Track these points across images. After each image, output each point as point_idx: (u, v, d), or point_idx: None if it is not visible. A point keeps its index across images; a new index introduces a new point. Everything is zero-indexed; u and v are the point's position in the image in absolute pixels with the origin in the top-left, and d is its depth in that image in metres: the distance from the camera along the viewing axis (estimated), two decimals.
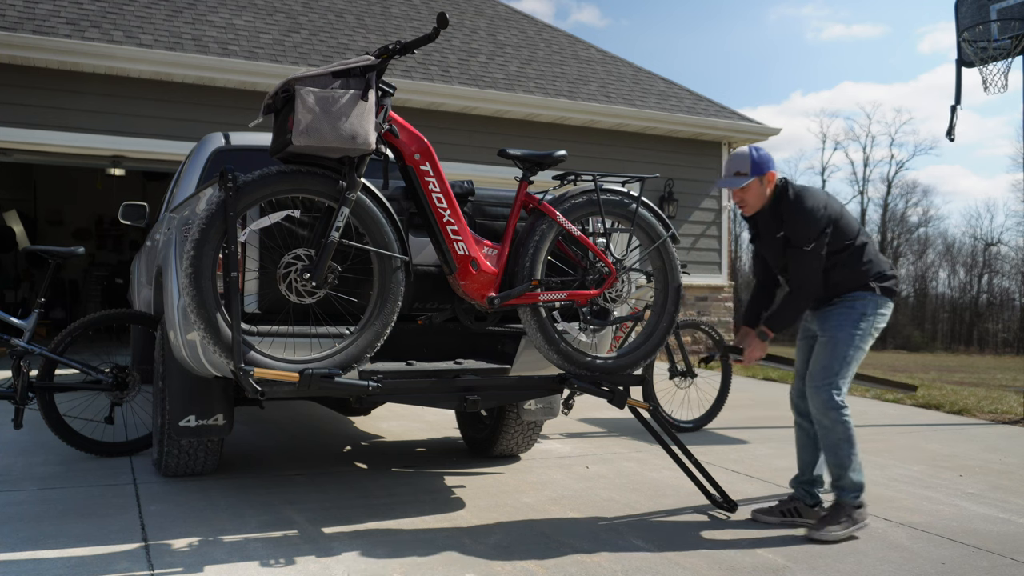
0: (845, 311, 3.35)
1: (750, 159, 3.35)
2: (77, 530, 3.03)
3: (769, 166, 3.35)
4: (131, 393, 4.23)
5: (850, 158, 53.26)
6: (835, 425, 3.32)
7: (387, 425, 5.44)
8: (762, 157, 3.36)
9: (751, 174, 3.33)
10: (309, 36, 9.89)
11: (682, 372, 5.52)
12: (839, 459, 3.30)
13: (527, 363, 3.54)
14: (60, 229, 13.90)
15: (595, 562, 2.86)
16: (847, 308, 3.35)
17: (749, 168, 3.34)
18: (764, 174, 3.34)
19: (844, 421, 3.33)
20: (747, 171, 3.34)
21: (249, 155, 4.53)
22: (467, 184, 3.43)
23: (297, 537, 3.03)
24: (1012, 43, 6.16)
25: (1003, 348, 33.51)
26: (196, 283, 2.75)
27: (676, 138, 11.10)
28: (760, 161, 3.34)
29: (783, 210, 3.33)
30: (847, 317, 3.33)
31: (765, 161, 3.35)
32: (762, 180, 3.36)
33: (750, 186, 3.36)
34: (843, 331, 3.32)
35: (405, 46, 2.88)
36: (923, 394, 7.42)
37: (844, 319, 3.34)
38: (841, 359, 3.32)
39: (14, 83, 7.99)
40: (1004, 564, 2.97)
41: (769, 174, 3.36)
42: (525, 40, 12.12)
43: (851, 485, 3.28)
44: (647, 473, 4.25)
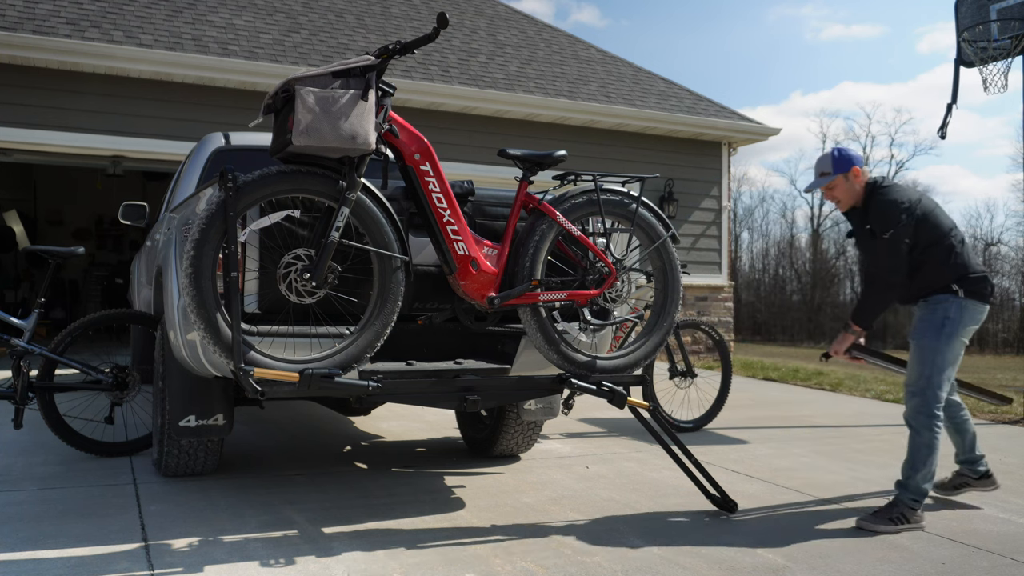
0: (929, 316, 3.46)
1: (831, 158, 3.53)
2: (77, 530, 3.03)
3: (852, 163, 3.51)
4: (131, 393, 4.23)
5: None
6: (923, 431, 3.45)
7: (387, 425, 5.44)
8: (843, 155, 3.54)
9: (834, 172, 3.51)
10: (309, 36, 9.89)
11: (682, 372, 5.52)
12: (915, 462, 3.44)
13: (527, 363, 3.54)
14: (60, 229, 13.90)
15: (595, 562, 2.86)
16: (931, 313, 3.46)
17: (831, 167, 3.52)
18: (848, 170, 3.50)
19: (932, 429, 3.44)
20: (830, 170, 3.52)
21: (249, 155, 4.53)
22: (467, 184, 3.43)
23: (297, 537, 3.03)
24: (1012, 43, 6.16)
25: (1003, 348, 33.49)
26: (196, 283, 2.75)
27: (676, 138, 11.09)
28: (841, 159, 3.52)
29: (870, 203, 3.49)
30: (931, 323, 3.44)
31: (847, 159, 3.52)
32: (847, 176, 3.51)
33: (836, 183, 3.53)
34: (928, 338, 3.43)
35: (405, 46, 2.88)
36: None
37: (929, 325, 3.45)
38: (931, 365, 3.42)
39: (14, 83, 7.99)
40: (1004, 564, 2.97)
41: (853, 170, 3.51)
42: (525, 40, 12.12)
43: (916, 489, 3.41)
44: (647, 473, 4.25)
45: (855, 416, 6.42)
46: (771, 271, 39.13)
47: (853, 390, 7.87)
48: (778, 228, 54.31)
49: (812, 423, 6.06)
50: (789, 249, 39.05)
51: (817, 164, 3.63)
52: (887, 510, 3.37)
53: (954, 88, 6.56)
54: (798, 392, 7.94)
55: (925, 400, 3.42)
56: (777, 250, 39.43)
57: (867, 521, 3.34)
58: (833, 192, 3.57)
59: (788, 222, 45.40)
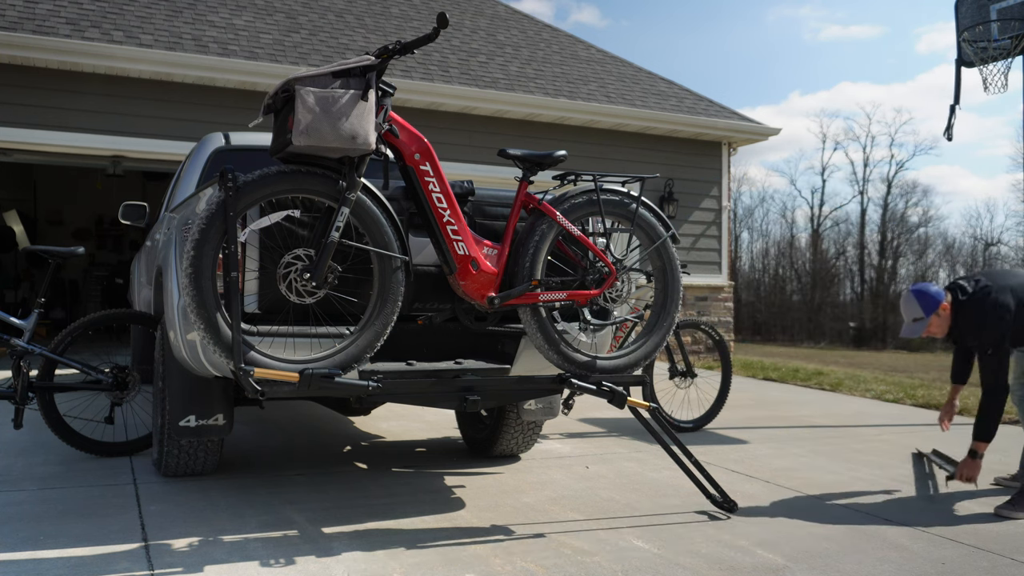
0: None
1: (919, 304, 3.70)
2: (77, 530, 3.03)
3: (938, 300, 3.70)
4: (131, 393, 4.23)
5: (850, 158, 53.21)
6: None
7: (387, 425, 5.44)
8: (928, 296, 3.70)
9: (927, 315, 3.70)
10: (309, 36, 9.89)
11: (682, 372, 5.52)
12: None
13: (527, 363, 3.54)
14: (60, 229, 13.90)
15: (595, 562, 2.86)
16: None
17: (923, 312, 3.70)
18: (937, 308, 3.69)
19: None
20: (922, 315, 3.70)
21: (249, 155, 4.53)
22: (467, 184, 3.43)
23: (297, 537, 3.03)
24: (1012, 43, 6.16)
25: None
26: (196, 283, 2.75)
27: (676, 138, 11.09)
28: (928, 301, 3.69)
29: (961, 322, 3.71)
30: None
31: (933, 299, 3.69)
32: (938, 313, 3.70)
33: (931, 324, 3.72)
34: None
35: (405, 46, 2.88)
36: (923, 394, 7.42)
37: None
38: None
39: (14, 83, 7.99)
40: (1004, 564, 2.97)
41: (942, 306, 3.70)
42: (525, 40, 12.12)
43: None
44: (647, 473, 4.25)
45: (855, 416, 6.41)
46: (771, 271, 39.14)
47: (853, 390, 7.87)
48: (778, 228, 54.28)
49: (812, 423, 6.06)
50: (789, 249, 39.07)
51: (906, 310, 3.76)
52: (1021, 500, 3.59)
53: (956, 89, 6.56)
54: (798, 392, 7.94)
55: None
56: (777, 250, 39.45)
57: (1004, 509, 3.56)
58: (931, 330, 3.74)
59: (788, 222, 45.40)
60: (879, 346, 31.80)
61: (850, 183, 56.26)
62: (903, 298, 3.82)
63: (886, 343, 31.70)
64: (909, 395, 7.37)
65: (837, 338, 32.83)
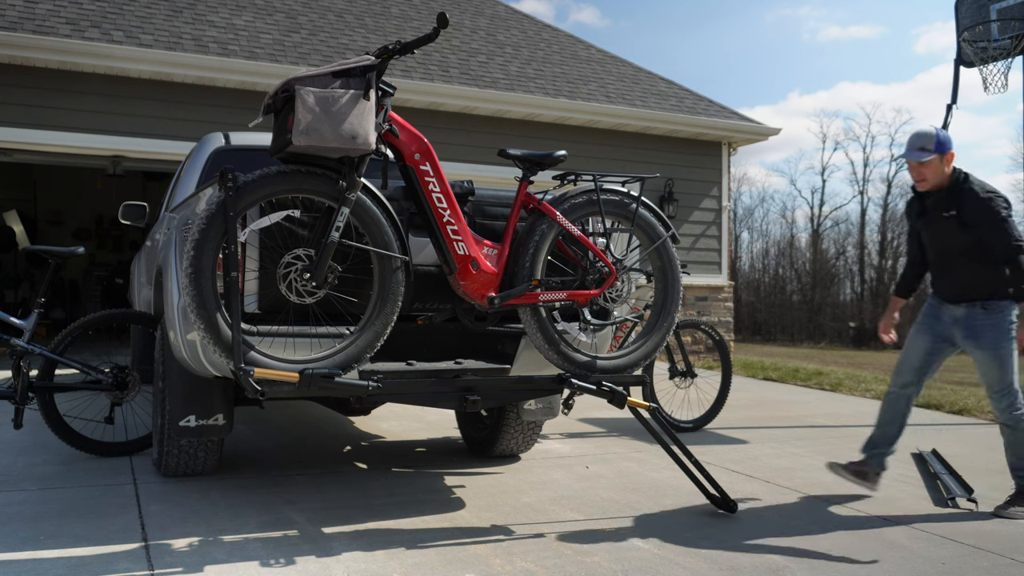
0: (994, 324, 3.61)
1: (936, 138, 3.56)
2: (77, 530, 3.03)
3: (950, 146, 3.57)
4: (131, 393, 4.23)
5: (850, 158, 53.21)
6: (1019, 424, 3.64)
7: (387, 425, 5.44)
8: (945, 137, 3.57)
9: (934, 151, 3.54)
10: (309, 36, 9.89)
11: (682, 372, 5.52)
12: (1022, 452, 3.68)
13: (527, 363, 3.53)
14: (60, 229, 13.90)
15: (595, 562, 2.86)
16: (996, 321, 3.61)
17: (933, 145, 3.55)
18: (946, 153, 3.55)
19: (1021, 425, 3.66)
20: (931, 147, 3.55)
21: (249, 155, 4.53)
22: (467, 184, 3.43)
23: (297, 537, 3.03)
24: (1012, 43, 6.16)
25: None
26: (196, 283, 2.75)
27: (676, 138, 11.09)
28: (943, 141, 3.56)
29: (962, 190, 3.56)
30: (1000, 330, 3.60)
31: (947, 141, 3.56)
32: (943, 159, 3.56)
33: (931, 162, 3.56)
34: (1003, 346, 3.59)
35: (405, 46, 2.88)
36: (923, 394, 7.41)
37: (998, 332, 3.60)
38: (1010, 369, 3.60)
39: (14, 83, 7.99)
40: (1004, 564, 2.97)
41: (950, 154, 3.57)
42: (525, 40, 12.12)
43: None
44: (647, 473, 4.25)
45: (855, 416, 6.41)
46: (771, 271, 39.14)
47: (853, 390, 7.87)
48: (778, 228, 54.35)
49: (812, 423, 6.06)
50: (789, 249, 39.07)
51: (916, 138, 3.62)
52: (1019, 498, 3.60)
53: (954, 88, 6.57)
54: (798, 392, 7.94)
55: (1015, 399, 3.62)
56: (777, 250, 39.45)
57: (1003, 509, 3.57)
58: (924, 169, 3.60)
59: (788, 222, 45.45)
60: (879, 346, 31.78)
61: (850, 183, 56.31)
62: (920, 129, 3.66)
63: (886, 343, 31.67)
64: None
65: (837, 338, 32.82)
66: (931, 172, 3.60)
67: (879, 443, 3.90)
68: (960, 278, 3.67)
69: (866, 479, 3.84)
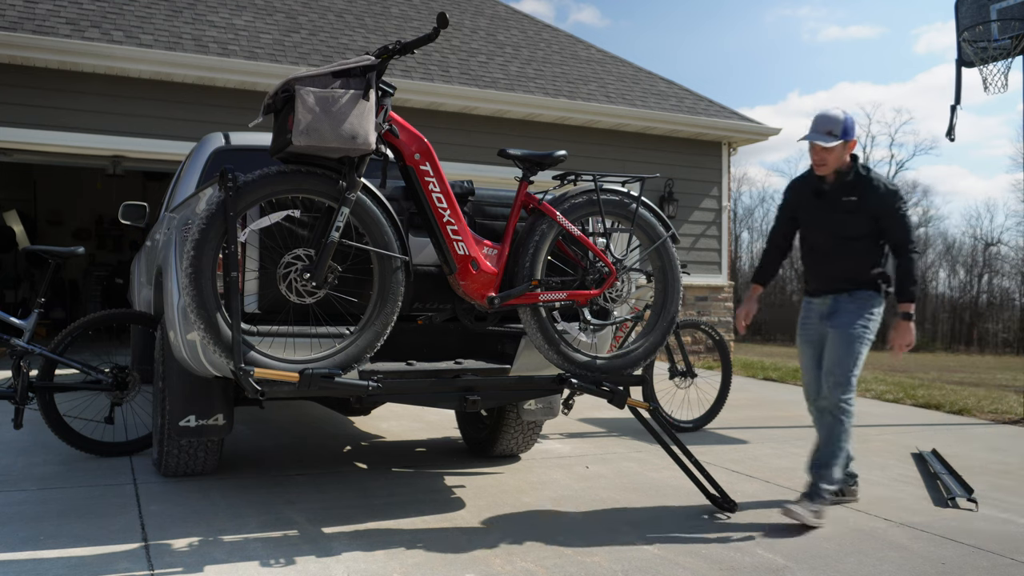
0: (856, 308, 3.53)
1: (843, 123, 3.48)
2: (77, 530, 3.03)
3: (854, 133, 3.51)
4: (131, 393, 4.23)
5: None
6: (846, 418, 3.49)
7: (387, 425, 5.44)
8: (851, 123, 3.51)
9: (840, 136, 3.47)
10: (309, 36, 9.89)
11: (682, 372, 5.52)
12: (834, 450, 3.47)
13: (527, 363, 3.53)
14: (60, 229, 13.89)
15: (595, 562, 2.86)
16: (858, 307, 3.53)
17: (840, 131, 3.47)
18: (850, 140, 3.49)
19: (849, 419, 3.51)
20: (838, 133, 3.47)
21: (249, 155, 4.53)
22: (467, 184, 3.43)
23: (297, 537, 3.03)
24: (1012, 43, 6.16)
25: (1003, 348, 33.47)
26: (196, 283, 2.75)
27: (676, 138, 11.09)
28: (849, 127, 3.49)
29: (864, 181, 3.51)
30: (860, 316, 3.52)
31: (852, 127, 3.50)
32: (846, 146, 3.50)
33: (835, 148, 3.48)
34: (857, 330, 3.49)
35: (405, 46, 2.88)
36: (923, 394, 7.42)
37: (858, 317, 3.52)
38: (857, 356, 3.50)
39: (14, 83, 7.99)
40: (1004, 564, 2.97)
41: (852, 141, 3.51)
42: (525, 40, 12.12)
43: (832, 479, 3.44)
44: (647, 473, 4.25)
45: (856, 416, 6.40)
46: None
47: None
48: None
49: (812, 423, 6.05)
50: None
51: (823, 120, 3.51)
52: (811, 499, 3.36)
53: (957, 89, 6.56)
54: (798, 392, 7.93)
55: (850, 388, 3.50)
56: None
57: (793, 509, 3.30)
58: (827, 154, 3.50)
59: None
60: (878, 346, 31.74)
61: None
62: (828, 111, 3.52)
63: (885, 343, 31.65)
64: (909, 395, 7.37)
65: None
66: (833, 158, 3.51)
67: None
68: (841, 265, 3.58)
69: (843, 495, 3.72)
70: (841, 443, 3.48)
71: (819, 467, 3.47)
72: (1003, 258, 39.76)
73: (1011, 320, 36.75)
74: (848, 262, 3.56)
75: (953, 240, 42.87)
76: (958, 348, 33.79)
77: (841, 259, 3.58)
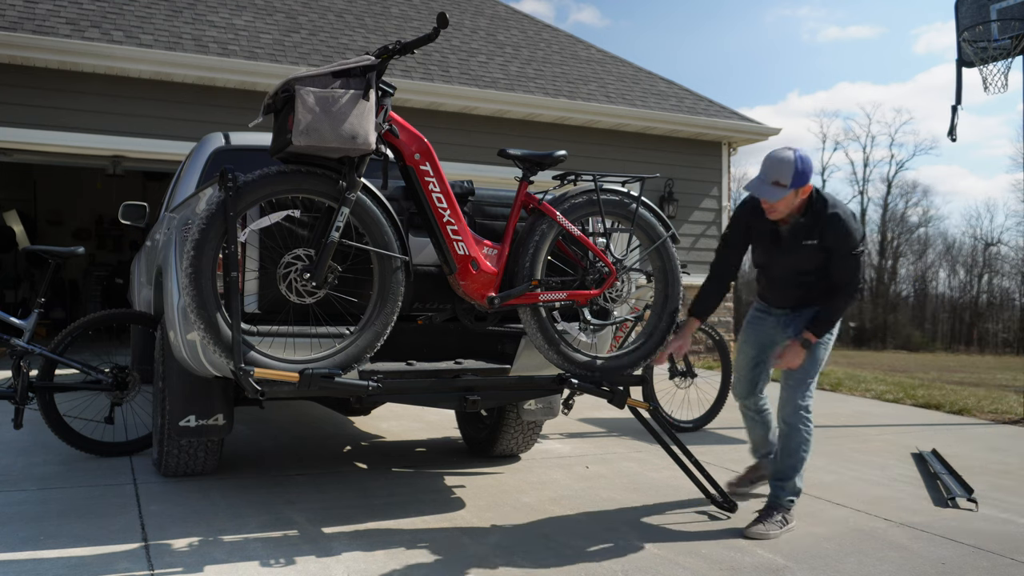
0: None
1: (794, 169, 3.13)
2: (77, 530, 3.03)
3: (808, 177, 3.18)
4: (131, 393, 4.23)
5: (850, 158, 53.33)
6: (804, 428, 3.40)
7: (387, 425, 5.44)
8: (804, 167, 3.16)
9: (791, 186, 3.15)
10: (309, 36, 9.89)
11: (682, 372, 5.52)
12: (795, 462, 3.39)
13: (527, 363, 3.54)
14: (60, 229, 13.89)
15: (595, 562, 2.86)
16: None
17: (791, 180, 3.14)
18: (801, 187, 3.18)
19: (810, 426, 3.42)
20: (787, 183, 3.14)
21: (249, 155, 4.53)
22: (467, 184, 3.43)
23: (297, 537, 3.03)
24: (1012, 43, 6.16)
25: (1003, 348, 33.49)
26: (196, 283, 2.75)
27: (676, 138, 11.09)
28: (802, 172, 3.15)
29: (824, 222, 3.23)
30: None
31: (806, 172, 3.16)
32: (798, 192, 3.19)
33: (786, 198, 3.19)
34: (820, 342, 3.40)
35: (405, 46, 2.88)
36: (923, 394, 7.42)
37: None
38: (817, 367, 3.43)
39: (14, 83, 7.99)
40: (1004, 564, 2.97)
41: (805, 188, 3.20)
42: (525, 40, 12.12)
43: (794, 489, 3.39)
44: (647, 473, 4.25)
45: (855, 416, 6.41)
46: None
47: (853, 390, 7.87)
48: None
49: None
50: None
51: (772, 167, 3.17)
52: (771, 514, 3.29)
53: (957, 89, 6.57)
54: None
55: (809, 395, 3.40)
56: None
57: (755, 528, 3.21)
58: (778, 204, 3.21)
59: None
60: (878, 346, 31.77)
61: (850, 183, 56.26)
62: (779, 153, 3.18)
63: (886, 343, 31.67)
64: (909, 395, 7.37)
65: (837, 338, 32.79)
66: (784, 205, 3.22)
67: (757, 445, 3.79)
68: (802, 292, 3.46)
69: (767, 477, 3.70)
70: (802, 453, 3.37)
71: (781, 480, 3.39)
72: (1003, 258, 39.79)
73: (1011, 320, 36.77)
74: (810, 290, 3.43)
75: (953, 240, 42.93)
76: (958, 348, 33.82)
77: (802, 288, 3.45)
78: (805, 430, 3.39)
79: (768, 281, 3.57)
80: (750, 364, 3.64)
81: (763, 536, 3.19)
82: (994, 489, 4.08)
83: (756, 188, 3.21)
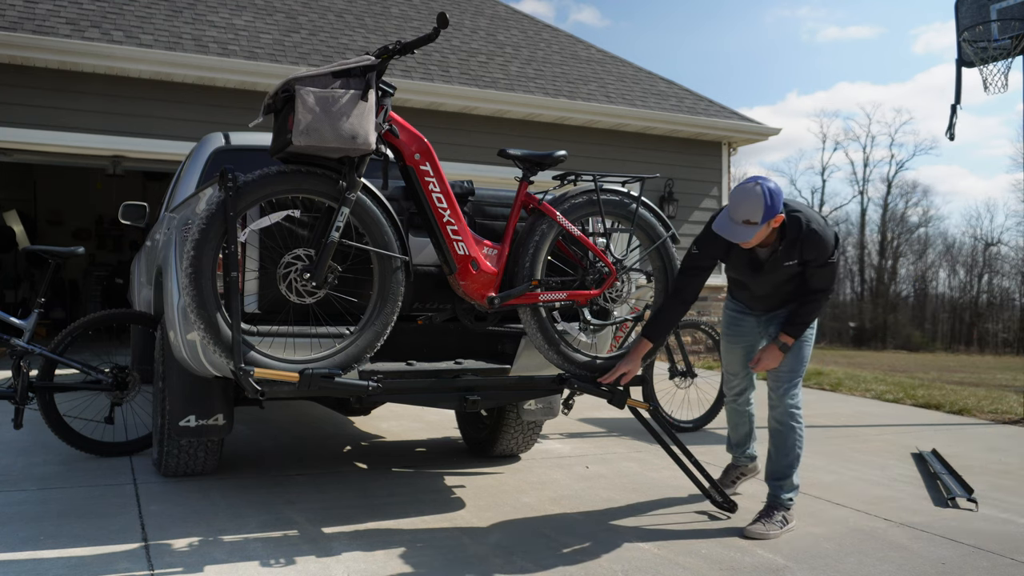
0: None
1: (763, 205, 3.03)
2: (77, 530, 3.03)
3: (779, 208, 3.08)
4: (131, 393, 4.23)
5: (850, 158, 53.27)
6: (798, 427, 3.45)
7: (387, 425, 5.44)
8: (775, 200, 3.06)
9: (761, 222, 3.05)
10: (309, 36, 9.89)
11: (682, 372, 5.52)
12: (791, 460, 3.43)
13: (527, 363, 3.54)
14: (60, 229, 13.89)
15: (595, 562, 2.86)
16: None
17: (761, 216, 3.04)
18: (772, 219, 3.08)
19: (802, 423, 3.47)
20: (758, 219, 3.04)
21: (249, 155, 4.53)
22: (467, 184, 3.43)
23: (297, 537, 3.03)
24: (1012, 43, 6.16)
25: (1003, 348, 33.48)
26: (196, 283, 2.75)
27: (676, 138, 11.09)
28: (771, 206, 3.05)
29: (802, 239, 3.17)
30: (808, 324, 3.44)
31: (775, 204, 3.06)
32: (770, 223, 3.10)
33: (759, 232, 3.09)
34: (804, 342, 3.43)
35: (405, 46, 2.88)
36: (923, 394, 7.42)
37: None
38: (801, 368, 3.45)
39: (14, 83, 7.99)
40: (1004, 564, 2.97)
41: (777, 217, 3.09)
42: (525, 40, 12.12)
43: (792, 487, 3.41)
44: (647, 473, 4.25)
45: (855, 416, 6.41)
46: None
47: (853, 390, 7.87)
48: None
49: (812, 423, 6.05)
50: None
51: (740, 206, 3.05)
52: (772, 513, 3.29)
53: (957, 89, 6.57)
54: None
55: (798, 393, 3.46)
56: None
57: (755, 528, 3.21)
58: (750, 241, 3.13)
59: None
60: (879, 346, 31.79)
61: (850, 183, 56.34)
62: (746, 190, 3.06)
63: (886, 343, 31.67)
64: (909, 395, 7.37)
65: (837, 338, 32.83)
66: (758, 239, 3.13)
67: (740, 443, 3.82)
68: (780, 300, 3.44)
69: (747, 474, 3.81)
70: (797, 450, 3.41)
71: (779, 479, 3.39)
72: (1003, 258, 39.80)
73: (1011, 320, 36.77)
74: (788, 297, 3.42)
75: (953, 240, 42.95)
76: (958, 348, 33.81)
77: (780, 296, 3.44)
78: (798, 427, 3.43)
79: (747, 293, 3.54)
80: (742, 362, 3.66)
81: (763, 536, 3.20)
82: (994, 489, 4.08)
83: (728, 230, 3.11)
